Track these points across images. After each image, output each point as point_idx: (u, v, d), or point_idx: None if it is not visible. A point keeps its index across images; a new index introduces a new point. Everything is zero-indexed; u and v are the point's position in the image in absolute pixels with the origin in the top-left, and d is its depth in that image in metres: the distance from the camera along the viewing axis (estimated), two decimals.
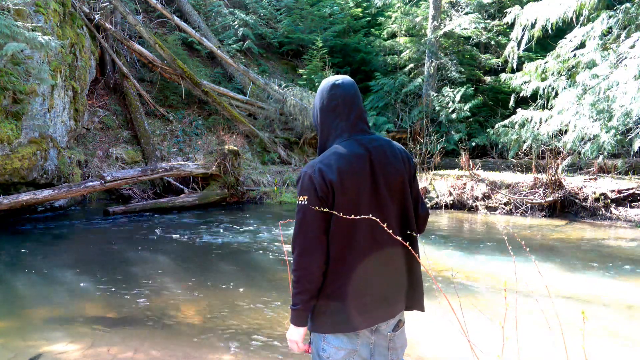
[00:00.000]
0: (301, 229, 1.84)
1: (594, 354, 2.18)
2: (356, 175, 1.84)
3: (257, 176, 11.57)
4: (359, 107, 1.94)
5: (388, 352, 1.97)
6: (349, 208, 1.82)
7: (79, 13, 10.93)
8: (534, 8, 10.22)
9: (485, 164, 12.70)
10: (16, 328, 4.12)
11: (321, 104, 1.96)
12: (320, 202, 1.80)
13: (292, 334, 1.99)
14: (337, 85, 1.94)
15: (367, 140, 1.91)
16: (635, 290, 5.47)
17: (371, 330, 1.93)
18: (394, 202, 1.92)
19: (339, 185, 1.80)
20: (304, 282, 1.87)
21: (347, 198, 1.82)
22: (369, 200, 1.87)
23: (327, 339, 1.92)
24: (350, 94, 1.94)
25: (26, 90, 8.04)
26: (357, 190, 1.84)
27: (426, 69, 14.90)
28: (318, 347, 1.95)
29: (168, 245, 7.06)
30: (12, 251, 6.58)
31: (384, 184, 1.89)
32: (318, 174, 1.82)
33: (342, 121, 1.92)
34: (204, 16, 16.02)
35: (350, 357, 1.92)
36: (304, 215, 1.83)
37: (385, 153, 1.92)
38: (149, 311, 4.50)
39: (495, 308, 4.49)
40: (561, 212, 9.62)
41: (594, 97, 8.77)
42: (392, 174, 1.91)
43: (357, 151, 1.87)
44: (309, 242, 1.83)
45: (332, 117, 1.94)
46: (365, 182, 1.86)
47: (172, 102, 13.19)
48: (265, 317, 4.40)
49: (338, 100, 1.92)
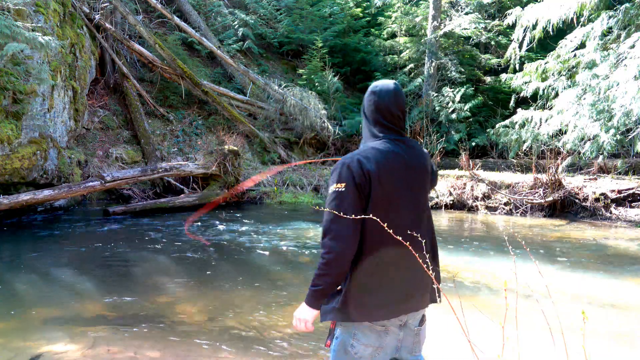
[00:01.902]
0: (336, 215, 1.88)
1: (594, 354, 2.17)
2: (392, 171, 1.96)
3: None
4: (402, 112, 2.08)
5: (413, 345, 2.05)
6: (384, 200, 1.92)
7: (79, 13, 10.93)
8: (534, 9, 10.23)
9: (485, 164, 12.70)
10: (16, 328, 4.12)
11: (369, 104, 2.09)
12: (357, 190, 1.88)
13: (304, 313, 2.01)
14: (387, 89, 2.07)
15: (402, 142, 2.04)
16: (635, 290, 5.47)
17: (399, 327, 2.00)
18: (423, 205, 2.07)
19: (376, 177, 1.90)
20: (332, 266, 1.90)
21: (383, 191, 1.92)
22: (403, 196, 1.99)
23: (357, 336, 1.97)
24: (398, 99, 2.07)
25: (26, 90, 8.04)
26: (393, 185, 1.95)
27: (426, 69, 14.91)
28: (346, 343, 1.99)
29: (168, 245, 7.06)
30: (12, 251, 6.58)
31: (416, 184, 2.03)
32: (357, 164, 1.91)
33: (385, 122, 2.05)
34: (204, 16, 16.02)
35: (377, 354, 1.98)
36: (341, 201, 1.89)
37: (417, 155, 2.07)
38: (149, 311, 4.50)
39: (495, 308, 4.49)
40: (561, 212, 9.61)
41: (594, 97, 8.78)
42: (421, 175, 2.06)
43: (394, 150, 2.00)
44: (344, 228, 1.87)
45: (376, 118, 2.06)
46: (400, 179, 1.98)
47: (172, 102, 13.19)
48: (265, 317, 4.40)
49: (385, 103, 2.05)
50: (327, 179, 11.85)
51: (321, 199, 11.38)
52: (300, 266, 6.18)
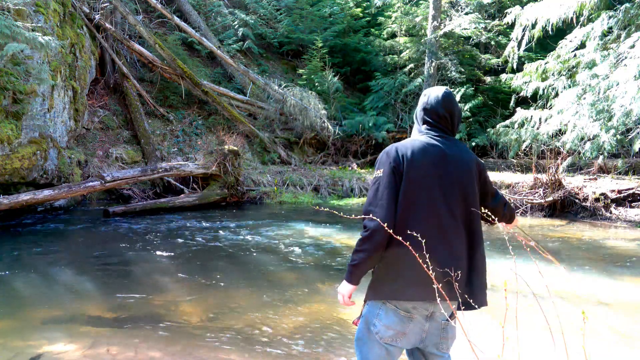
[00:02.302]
0: (375, 196, 2.02)
1: (594, 354, 2.18)
2: (427, 160, 2.05)
3: (257, 176, 11.56)
4: (450, 114, 2.17)
5: (440, 340, 2.06)
6: (415, 184, 2.01)
7: (79, 13, 10.93)
8: (534, 9, 10.22)
9: (485, 164, 12.69)
10: (16, 328, 4.12)
11: (419, 106, 2.24)
12: (393, 173, 2.02)
13: (342, 286, 2.14)
14: (436, 93, 2.20)
15: (446, 139, 2.15)
16: (635, 290, 5.47)
17: (425, 317, 2.02)
18: (461, 197, 2.08)
19: (410, 160, 2.02)
20: (367, 243, 2.01)
21: (415, 174, 2.02)
22: (436, 186, 2.04)
23: (380, 316, 2.03)
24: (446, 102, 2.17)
25: (26, 90, 8.04)
26: (425, 172, 2.03)
27: (426, 69, 14.90)
28: (370, 322, 2.07)
29: (168, 245, 7.06)
30: (12, 251, 6.58)
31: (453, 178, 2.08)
32: (394, 150, 2.07)
33: (431, 120, 2.17)
34: (204, 16, 16.02)
35: (398, 339, 2.02)
36: (380, 184, 2.03)
37: (459, 154, 2.13)
38: (149, 311, 4.50)
39: (496, 308, 4.49)
40: (561, 212, 9.61)
41: (593, 97, 8.77)
42: (460, 172, 2.10)
43: (434, 142, 2.11)
44: (379, 211, 1.99)
45: (423, 117, 2.21)
46: (434, 169, 2.05)
47: (172, 102, 13.19)
48: (265, 317, 4.40)
49: (431, 104, 2.18)
50: (326, 179, 11.87)
51: (321, 198, 11.37)
52: (300, 266, 6.18)
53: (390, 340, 2.02)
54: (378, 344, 2.04)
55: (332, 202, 10.93)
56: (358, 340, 2.13)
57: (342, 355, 3.63)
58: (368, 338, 2.07)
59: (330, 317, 4.40)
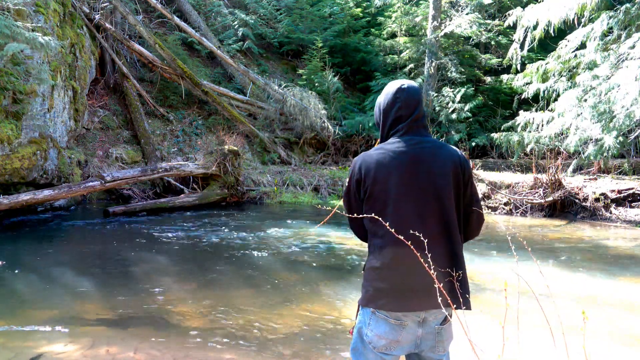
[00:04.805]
0: (345, 207, 2.15)
1: (594, 354, 2.18)
2: (392, 168, 1.99)
3: (257, 176, 11.56)
4: (419, 111, 2.07)
5: (435, 344, 2.03)
6: (380, 196, 1.99)
7: (79, 13, 10.93)
8: (535, 10, 10.21)
9: (485, 164, 12.70)
10: (16, 328, 4.12)
11: (385, 104, 2.12)
12: (356, 186, 2.05)
13: None
14: (402, 89, 2.08)
15: (416, 141, 2.03)
16: (635, 290, 5.46)
17: (418, 323, 1.99)
18: (435, 201, 1.99)
19: (373, 174, 1.99)
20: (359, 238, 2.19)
21: (379, 187, 1.99)
22: (403, 192, 1.98)
23: (371, 326, 2.01)
24: (412, 98, 2.07)
25: (26, 90, 8.04)
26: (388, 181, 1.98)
27: (426, 69, 14.90)
28: (362, 331, 2.05)
29: (168, 245, 7.06)
30: (12, 251, 6.58)
31: (424, 182, 1.99)
32: (359, 162, 2.06)
33: (400, 122, 2.07)
34: (204, 16, 16.02)
35: (392, 347, 2.00)
36: (345, 195, 2.14)
37: (432, 154, 2.02)
38: (148, 311, 4.50)
39: (496, 308, 4.49)
40: (561, 212, 9.61)
41: (594, 99, 8.76)
42: (434, 174, 1.99)
43: (401, 149, 2.02)
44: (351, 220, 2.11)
45: (390, 117, 2.09)
46: (401, 176, 1.99)
47: (172, 102, 13.19)
48: (265, 317, 4.40)
49: (400, 103, 2.07)
50: (326, 179, 11.88)
51: (321, 198, 11.37)
52: (300, 266, 6.17)
53: (384, 349, 1.99)
54: (373, 354, 2.02)
55: (332, 202, 10.93)
56: (353, 350, 2.11)
57: (342, 356, 3.63)
58: (363, 348, 2.05)
59: (330, 318, 4.40)
